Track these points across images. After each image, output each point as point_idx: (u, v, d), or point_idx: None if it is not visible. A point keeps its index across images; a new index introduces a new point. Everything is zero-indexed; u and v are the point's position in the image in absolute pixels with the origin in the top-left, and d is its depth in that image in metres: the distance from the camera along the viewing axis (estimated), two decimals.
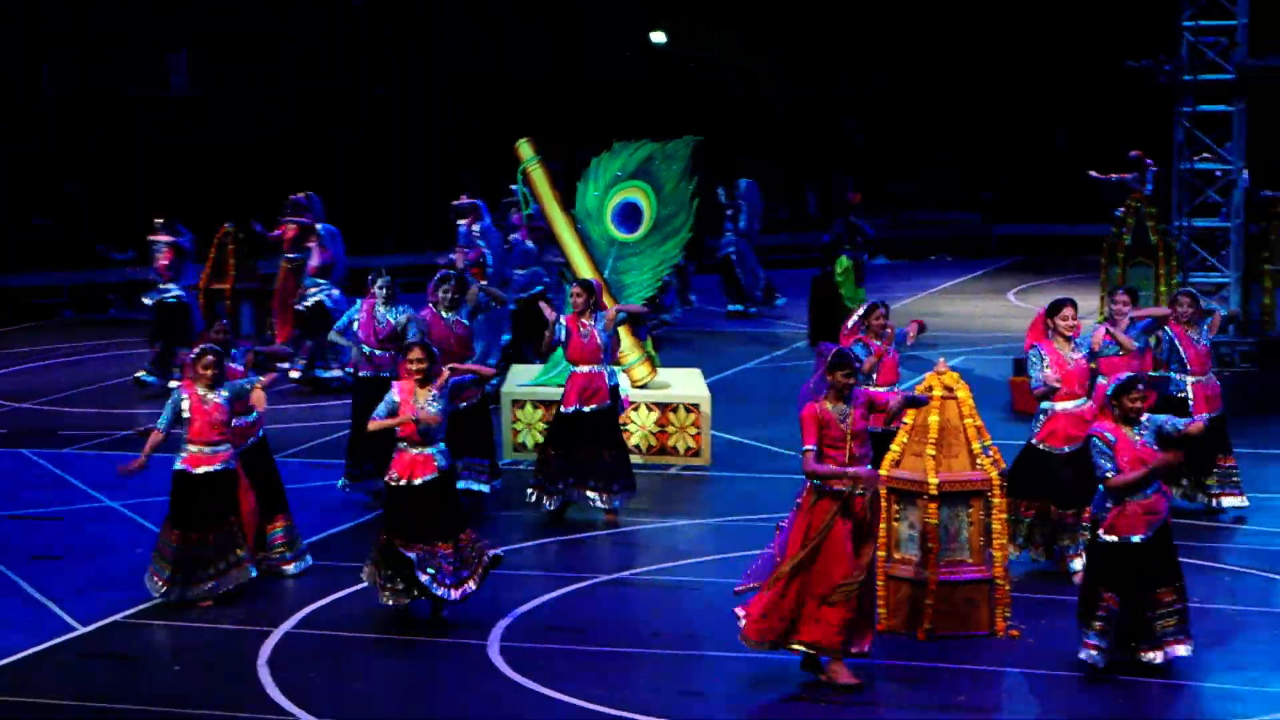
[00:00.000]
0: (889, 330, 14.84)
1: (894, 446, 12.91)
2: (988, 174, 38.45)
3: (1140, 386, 11.54)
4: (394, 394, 13.00)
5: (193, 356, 13.63)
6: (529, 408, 18.04)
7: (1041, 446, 13.81)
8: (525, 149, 18.88)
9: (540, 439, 17.91)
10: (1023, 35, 36.81)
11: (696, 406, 17.91)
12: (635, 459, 16.99)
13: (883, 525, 12.84)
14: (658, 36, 39.08)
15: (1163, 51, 20.64)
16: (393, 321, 16.50)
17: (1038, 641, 12.43)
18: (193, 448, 13.52)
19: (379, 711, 11.61)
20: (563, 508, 15.92)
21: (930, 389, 12.81)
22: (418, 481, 12.92)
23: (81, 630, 13.23)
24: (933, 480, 12.62)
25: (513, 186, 23.65)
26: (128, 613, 13.49)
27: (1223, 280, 20.55)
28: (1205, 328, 15.59)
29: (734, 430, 19.16)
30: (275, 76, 35.20)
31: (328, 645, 12.90)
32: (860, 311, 14.90)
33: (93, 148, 33.39)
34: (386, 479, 13.11)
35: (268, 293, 24.02)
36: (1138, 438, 11.46)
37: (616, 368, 16.59)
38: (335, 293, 22.12)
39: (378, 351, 16.42)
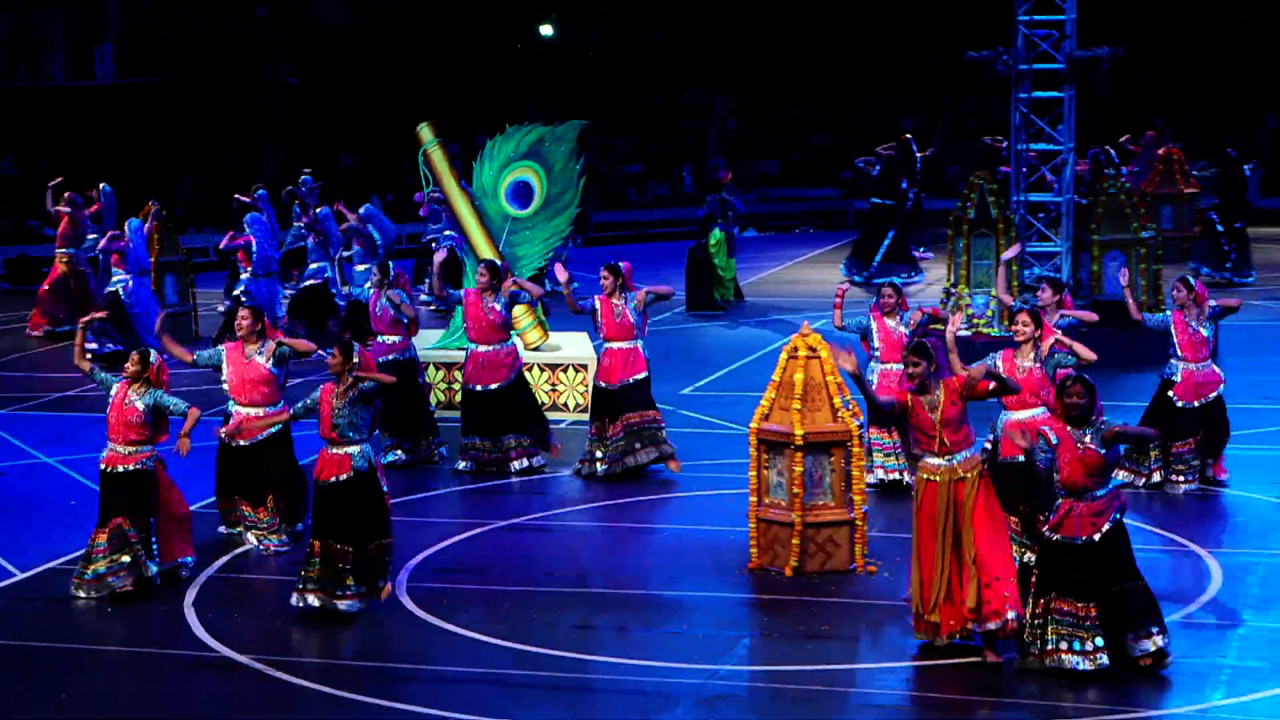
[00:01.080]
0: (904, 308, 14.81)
1: (763, 402, 13.03)
2: (846, 155, 38.74)
3: (1069, 384, 10.64)
4: (317, 394, 12.14)
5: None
6: (431, 369, 18.02)
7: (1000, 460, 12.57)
8: (426, 132, 18.83)
9: (442, 397, 17.99)
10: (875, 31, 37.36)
11: (584, 366, 17.99)
12: None
13: (753, 473, 13.03)
14: (546, 29, 38.97)
15: (1001, 43, 20.87)
16: (391, 311, 16.06)
17: (894, 575, 12.61)
18: (111, 445, 12.64)
19: (297, 647, 11.63)
20: (623, 472, 15.49)
21: (796, 349, 12.94)
22: (334, 480, 12.04)
23: (20, 576, 13.16)
24: (799, 432, 12.74)
25: (304, 177, 23.55)
26: (63, 560, 13.39)
27: (1055, 250, 20.81)
28: (1206, 314, 14.59)
29: None
30: None
31: (249, 588, 12.90)
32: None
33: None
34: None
35: (191, 265, 23.86)
36: (1086, 438, 10.54)
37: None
38: (131, 284, 21.63)
39: (389, 338, 15.93)
